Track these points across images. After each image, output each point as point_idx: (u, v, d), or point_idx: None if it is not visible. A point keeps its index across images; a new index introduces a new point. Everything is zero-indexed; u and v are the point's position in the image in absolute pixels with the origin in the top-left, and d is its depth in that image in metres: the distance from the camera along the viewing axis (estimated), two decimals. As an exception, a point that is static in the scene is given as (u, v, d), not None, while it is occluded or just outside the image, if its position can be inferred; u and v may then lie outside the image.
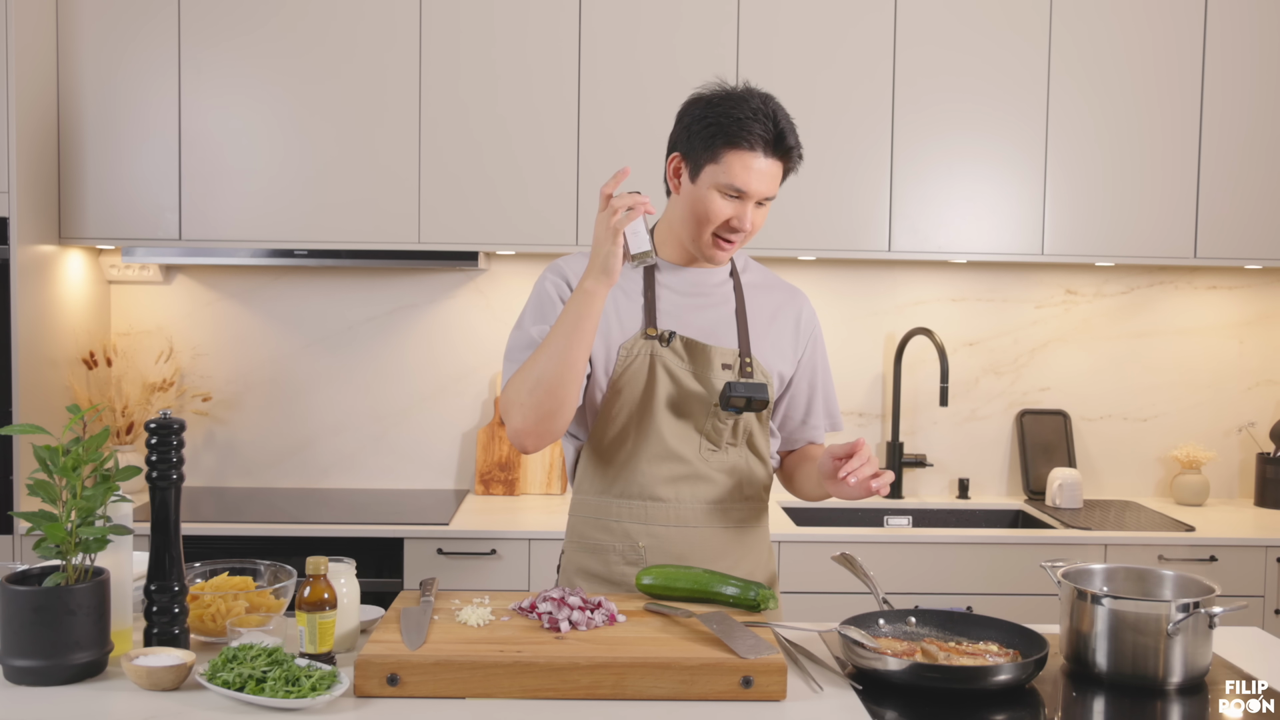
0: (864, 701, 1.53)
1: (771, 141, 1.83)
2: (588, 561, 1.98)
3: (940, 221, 3.16)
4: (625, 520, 1.94)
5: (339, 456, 3.47)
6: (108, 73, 3.07)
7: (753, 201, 1.85)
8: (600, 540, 1.96)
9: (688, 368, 1.92)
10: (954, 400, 3.48)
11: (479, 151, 3.10)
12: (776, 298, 2.04)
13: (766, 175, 1.84)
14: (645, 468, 1.92)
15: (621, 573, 1.95)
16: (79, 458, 1.55)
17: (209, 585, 1.80)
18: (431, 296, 3.45)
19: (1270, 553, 2.96)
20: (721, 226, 1.87)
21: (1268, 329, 3.53)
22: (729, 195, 1.85)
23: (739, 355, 1.94)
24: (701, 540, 1.94)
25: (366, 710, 1.47)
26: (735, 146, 1.82)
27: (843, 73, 3.13)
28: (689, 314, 1.95)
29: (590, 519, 1.98)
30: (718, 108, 1.86)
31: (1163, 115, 3.16)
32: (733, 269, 2.01)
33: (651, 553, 1.93)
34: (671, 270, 1.97)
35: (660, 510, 1.93)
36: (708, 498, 1.95)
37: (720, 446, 1.94)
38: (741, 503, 1.98)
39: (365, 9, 3.08)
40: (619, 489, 1.94)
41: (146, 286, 3.43)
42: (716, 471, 1.95)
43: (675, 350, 1.92)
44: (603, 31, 3.09)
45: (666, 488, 1.93)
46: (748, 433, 1.96)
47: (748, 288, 2.00)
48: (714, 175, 1.84)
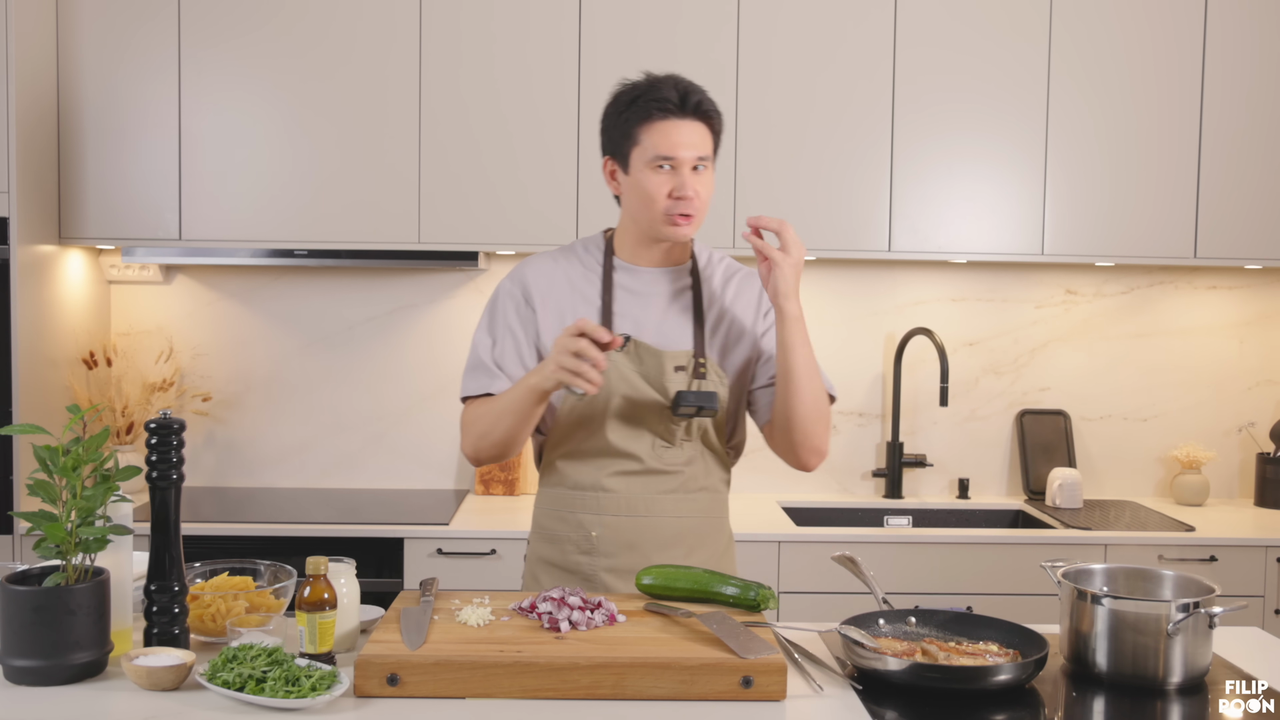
0: (864, 701, 1.53)
1: (679, 102, 1.87)
2: (547, 551, 2.02)
3: (940, 221, 3.16)
4: (578, 510, 1.98)
5: (339, 456, 3.47)
6: (108, 73, 3.07)
7: (687, 166, 1.87)
8: (557, 530, 2.01)
9: (641, 371, 1.93)
10: (954, 400, 3.48)
11: (479, 151, 3.10)
12: (736, 282, 2.02)
13: (688, 135, 1.87)
14: (598, 461, 1.96)
15: (576, 561, 1.98)
16: (79, 458, 1.55)
17: (209, 585, 1.80)
18: (431, 296, 3.45)
19: (1270, 553, 2.96)
20: (668, 202, 1.88)
21: (1268, 329, 3.53)
22: (661, 168, 1.87)
23: (693, 356, 1.94)
24: (653, 529, 1.96)
25: (366, 710, 1.47)
26: (648, 120, 1.87)
27: (843, 73, 3.13)
28: (645, 316, 1.96)
29: (548, 509, 2.03)
30: (622, 97, 1.93)
31: (1162, 115, 3.16)
32: (694, 267, 2.01)
33: (603, 541, 1.96)
34: (629, 271, 1.99)
35: (611, 500, 1.96)
36: (660, 489, 1.97)
37: (674, 443, 1.96)
38: (696, 493, 1.99)
39: (365, 9, 3.08)
40: (573, 481, 1.98)
41: (146, 286, 3.43)
42: (670, 465, 1.97)
43: (629, 354, 1.93)
44: (603, 31, 3.09)
45: (617, 480, 1.96)
46: (703, 429, 1.98)
47: (707, 283, 2.00)
48: (641, 156, 1.89)
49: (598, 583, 1.96)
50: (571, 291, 1.98)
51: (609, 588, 1.95)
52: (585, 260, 2.01)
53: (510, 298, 1.99)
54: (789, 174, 3.12)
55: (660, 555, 1.96)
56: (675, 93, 1.87)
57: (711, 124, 1.92)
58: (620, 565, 1.96)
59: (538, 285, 1.98)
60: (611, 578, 1.96)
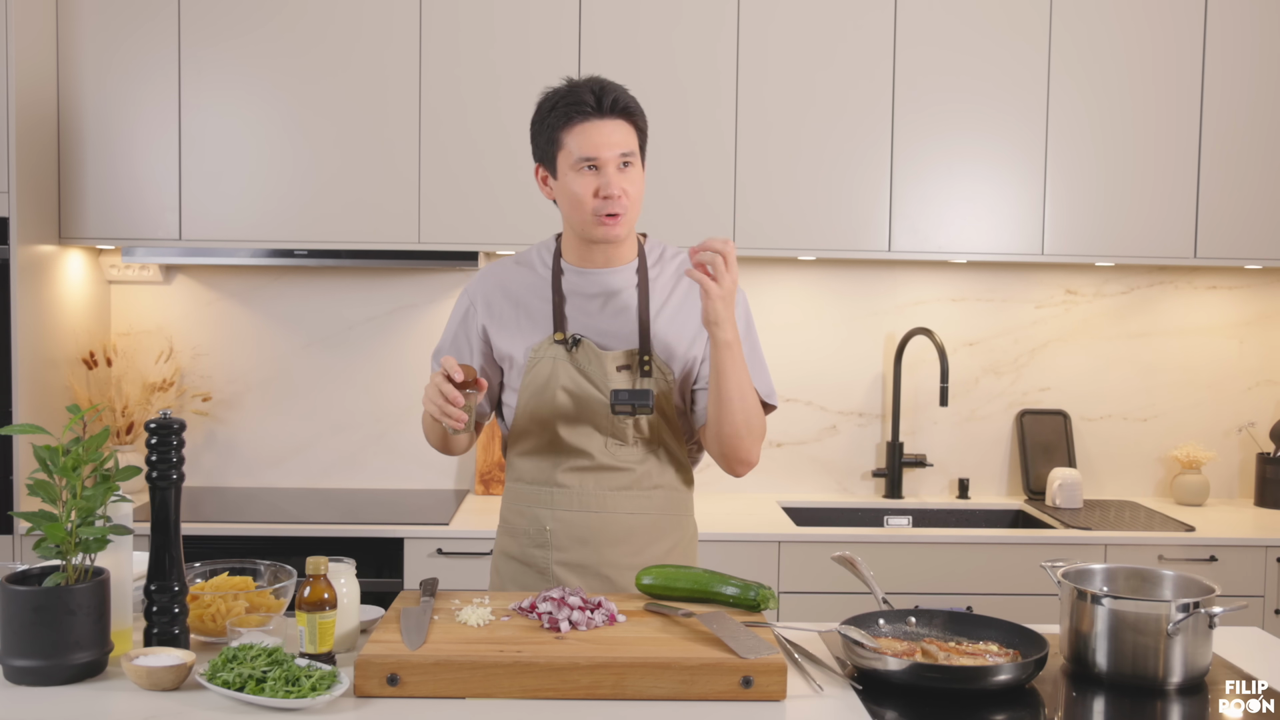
0: (864, 701, 1.53)
1: (596, 103, 1.89)
2: (507, 544, 2.08)
3: (940, 221, 3.16)
4: (534, 505, 2.02)
5: (339, 456, 3.47)
6: (107, 73, 3.07)
7: (611, 166, 1.89)
8: (515, 524, 2.06)
9: (586, 371, 1.96)
10: (954, 400, 3.48)
11: (479, 151, 3.10)
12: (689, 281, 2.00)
13: (609, 134, 1.89)
14: (552, 458, 2.00)
15: (531, 555, 2.02)
16: (79, 458, 1.55)
17: (209, 585, 1.80)
18: (431, 296, 3.45)
19: (1270, 553, 2.96)
20: (595, 202, 1.89)
21: (1268, 329, 3.53)
22: (586, 170, 1.89)
23: (637, 354, 1.96)
24: (604, 525, 1.99)
25: (366, 710, 1.47)
26: (569, 123, 1.90)
27: (842, 73, 3.13)
28: (593, 317, 1.99)
29: (509, 504, 2.09)
30: (544, 104, 1.95)
31: (1162, 115, 3.16)
32: (641, 264, 2.01)
33: (557, 535, 2.00)
34: (577, 274, 2.01)
35: (564, 495, 2.00)
36: (612, 485, 1.99)
37: (627, 441, 1.99)
38: (650, 490, 2.01)
39: (365, 9, 3.08)
40: (530, 476, 2.03)
41: (146, 286, 3.43)
42: (623, 463, 1.99)
43: (577, 355, 1.96)
44: (603, 32, 3.09)
45: (570, 476, 1.99)
46: (654, 427, 1.99)
47: (654, 280, 2.01)
48: (566, 159, 1.91)
49: (551, 576, 2.00)
50: (524, 294, 2.02)
51: (563, 581, 1.98)
52: (537, 265, 2.05)
53: (461, 311, 2.06)
54: (788, 174, 3.12)
55: (612, 550, 1.99)
56: (592, 94, 1.89)
57: (634, 121, 1.93)
58: (572, 560, 1.99)
59: (485, 295, 2.04)
60: (564, 571, 1.99)
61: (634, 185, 1.92)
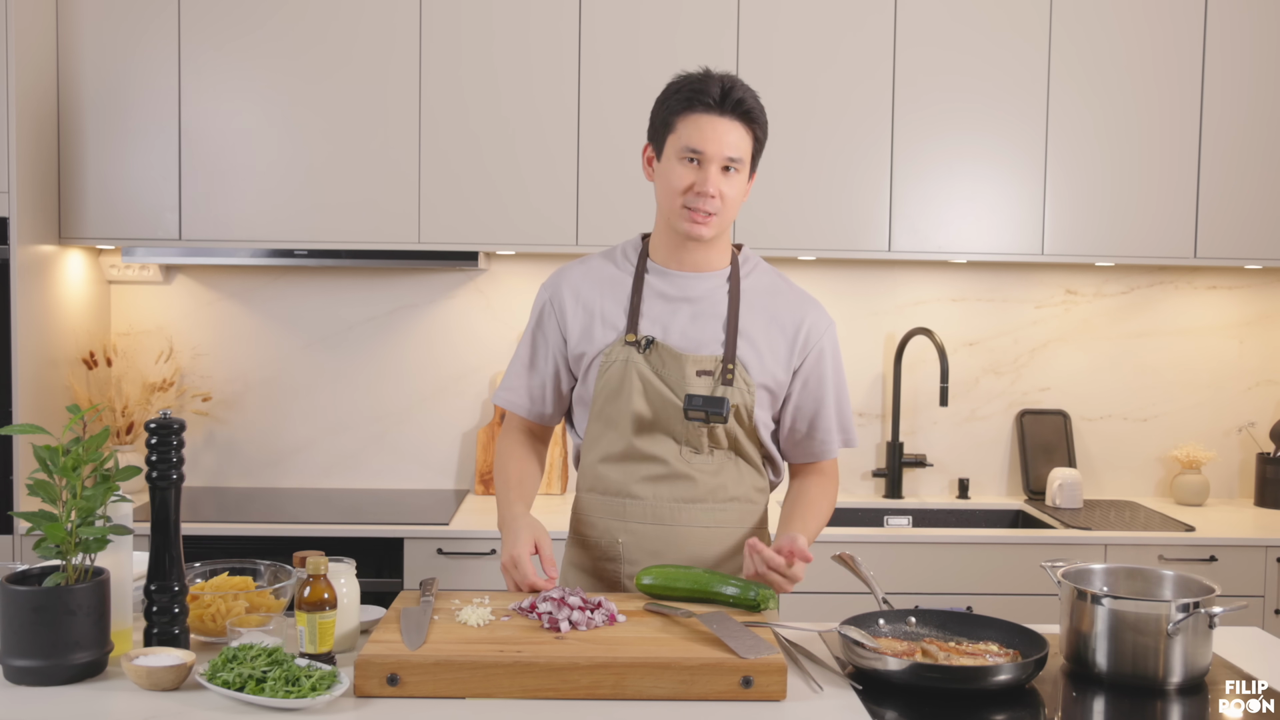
0: (864, 701, 1.53)
1: (720, 99, 1.86)
2: (577, 556, 2.03)
3: (940, 221, 3.16)
4: (606, 517, 1.98)
5: (339, 456, 3.47)
6: (108, 72, 3.07)
7: (715, 165, 1.86)
8: (586, 535, 2.01)
9: (662, 374, 1.91)
10: (954, 400, 3.48)
11: (479, 151, 3.10)
12: (778, 304, 1.99)
13: (722, 133, 1.85)
14: (623, 466, 1.95)
15: (602, 568, 1.99)
16: (79, 458, 1.55)
17: (209, 585, 1.80)
18: (431, 296, 3.45)
19: (1270, 553, 2.96)
20: (688, 196, 1.87)
21: (1268, 329, 3.53)
22: (689, 160, 1.87)
23: (721, 361, 1.91)
24: (678, 538, 1.95)
25: (366, 710, 1.47)
26: (688, 110, 1.87)
27: (843, 73, 3.13)
28: (673, 319, 1.94)
29: (580, 515, 2.03)
30: (671, 86, 1.92)
31: (1162, 115, 3.16)
32: (733, 272, 1.98)
33: (629, 549, 1.96)
34: (661, 274, 1.97)
35: (636, 507, 1.95)
36: (686, 496, 1.95)
37: (702, 450, 1.94)
38: (726, 503, 1.97)
39: (365, 9, 3.08)
40: (601, 486, 1.98)
41: (146, 286, 3.43)
42: (699, 472, 1.94)
43: (651, 357, 1.92)
44: (603, 31, 3.09)
45: (643, 486, 1.95)
46: (732, 437, 1.95)
47: (746, 292, 1.97)
48: (674, 145, 1.89)
49: (623, 591, 1.96)
50: (600, 293, 1.97)
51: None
52: (620, 264, 2.00)
53: (544, 308, 2.02)
54: (789, 174, 3.12)
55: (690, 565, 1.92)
56: (719, 88, 1.86)
57: (752, 127, 1.89)
58: None
59: (568, 290, 1.99)
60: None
61: (733, 190, 1.88)
